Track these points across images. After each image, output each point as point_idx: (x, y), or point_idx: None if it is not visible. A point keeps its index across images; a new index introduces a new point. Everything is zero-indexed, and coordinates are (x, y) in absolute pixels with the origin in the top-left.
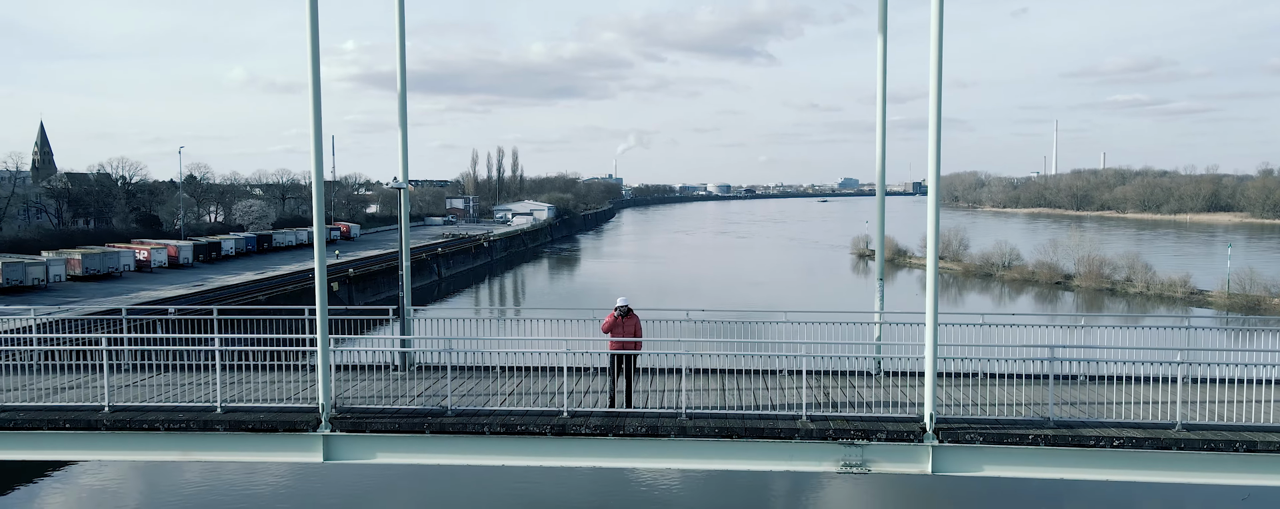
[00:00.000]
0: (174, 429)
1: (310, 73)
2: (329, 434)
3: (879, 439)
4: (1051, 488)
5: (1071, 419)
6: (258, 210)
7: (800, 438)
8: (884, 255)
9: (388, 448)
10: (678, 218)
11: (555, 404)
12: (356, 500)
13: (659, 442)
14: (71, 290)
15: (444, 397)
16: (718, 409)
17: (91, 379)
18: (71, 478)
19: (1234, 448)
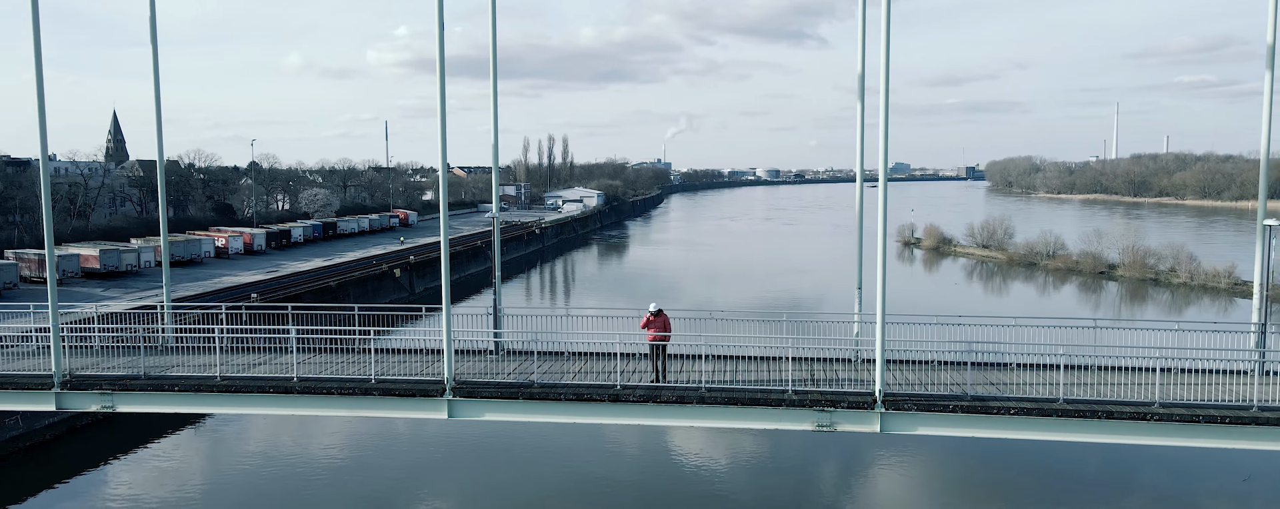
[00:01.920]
0: (344, 393)
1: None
2: (451, 399)
3: (843, 407)
4: (972, 443)
5: (985, 395)
6: (322, 199)
7: (786, 405)
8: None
9: (493, 409)
10: (726, 203)
11: (611, 379)
12: (471, 446)
13: (686, 407)
14: (158, 275)
15: (531, 373)
16: (729, 384)
17: (273, 358)
18: (266, 426)
19: (1098, 416)
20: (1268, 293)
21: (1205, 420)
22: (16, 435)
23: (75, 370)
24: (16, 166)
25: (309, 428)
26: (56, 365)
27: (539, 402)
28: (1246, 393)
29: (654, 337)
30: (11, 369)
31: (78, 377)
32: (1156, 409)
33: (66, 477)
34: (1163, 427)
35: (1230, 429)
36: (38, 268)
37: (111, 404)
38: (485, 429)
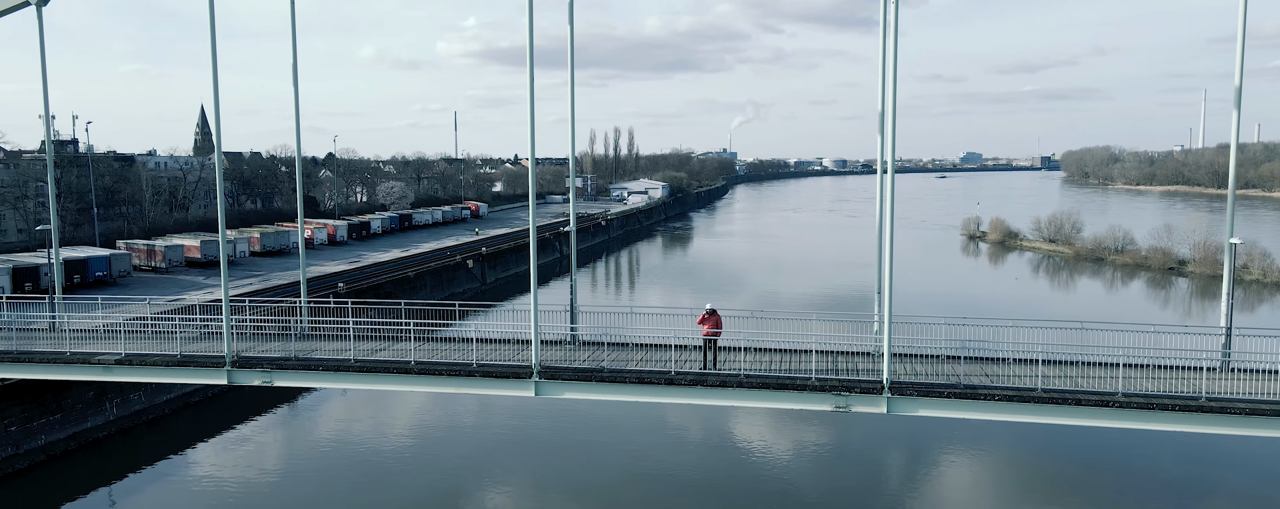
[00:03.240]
0: (453, 375)
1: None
2: (537, 380)
3: (856, 392)
4: (964, 424)
5: (976, 384)
6: (398, 191)
7: (810, 390)
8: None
9: (570, 389)
10: (791, 194)
11: (667, 367)
12: (555, 420)
13: (727, 390)
14: (254, 265)
15: (602, 361)
16: (764, 371)
17: (391, 344)
18: (388, 401)
19: (1069, 402)
20: (1232, 301)
21: (1159, 408)
22: (141, 409)
23: (240, 352)
24: (123, 162)
25: (382, 407)
26: (228, 348)
27: (608, 384)
28: (1201, 386)
29: (708, 332)
30: (190, 350)
31: (242, 357)
32: (1119, 398)
33: (181, 447)
34: (1124, 413)
35: (1181, 416)
36: (147, 257)
37: (270, 380)
38: (556, 407)
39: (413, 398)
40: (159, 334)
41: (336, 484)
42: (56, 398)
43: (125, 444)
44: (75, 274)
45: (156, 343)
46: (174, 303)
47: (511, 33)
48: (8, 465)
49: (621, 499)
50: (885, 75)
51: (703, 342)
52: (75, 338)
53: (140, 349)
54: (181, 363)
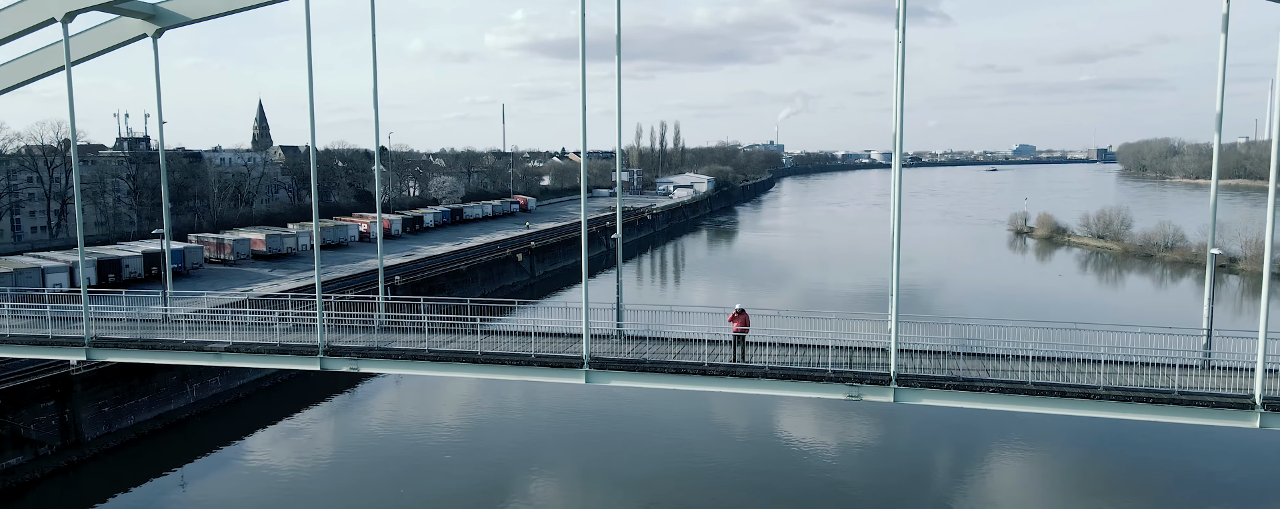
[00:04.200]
0: (514, 364)
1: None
2: (588, 369)
3: (867, 382)
4: (961, 413)
5: (973, 377)
6: (449, 186)
7: (826, 381)
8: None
9: (616, 378)
10: (838, 187)
11: (701, 359)
12: (604, 405)
13: (754, 380)
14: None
15: (644, 353)
16: (786, 364)
17: (459, 337)
18: (437, 390)
19: (1055, 394)
20: (1212, 307)
21: (1135, 400)
22: (217, 393)
23: (329, 342)
24: (192, 159)
25: (430, 396)
26: (320, 338)
27: (649, 373)
28: (1175, 381)
29: (737, 329)
30: (287, 340)
31: (332, 347)
32: (1101, 391)
33: (252, 428)
34: (1104, 404)
35: (1155, 407)
36: (216, 250)
37: (357, 367)
38: (597, 399)
39: (460, 387)
40: (257, 325)
41: (388, 469)
42: (144, 381)
43: (204, 425)
44: (153, 266)
45: (257, 333)
46: (244, 293)
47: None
48: (102, 444)
49: (658, 483)
50: (899, 77)
51: (732, 337)
52: (190, 327)
53: (243, 338)
54: (281, 351)
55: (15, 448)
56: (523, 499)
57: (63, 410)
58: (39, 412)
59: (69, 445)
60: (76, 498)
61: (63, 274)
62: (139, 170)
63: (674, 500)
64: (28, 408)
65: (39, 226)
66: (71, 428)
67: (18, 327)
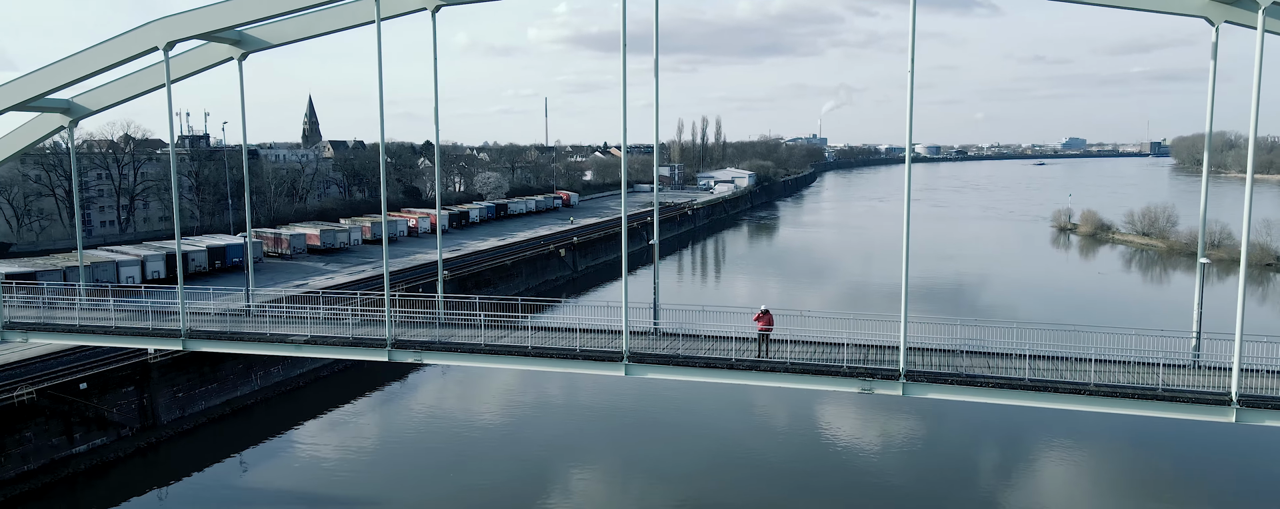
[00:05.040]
0: (561, 357)
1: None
2: (627, 363)
3: (879, 377)
4: (965, 405)
5: (976, 373)
6: (494, 181)
7: (842, 375)
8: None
9: (653, 371)
10: (881, 181)
11: (730, 354)
12: (642, 397)
13: (776, 374)
14: (366, 252)
15: (678, 348)
16: (806, 360)
17: (510, 332)
18: (481, 382)
19: (1048, 390)
20: (1201, 312)
21: (1121, 396)
22: (279, 381)
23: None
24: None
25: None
26: (389, 332)
27: (682, 367)
28: (1161, 379)
29: (762, 328)
30: (357, 334)
31: (398, 340)
32: (1091, 387)
33: (310, 415)
34: (1094, 399)
35: (1139, 402)
36: (273, 245)
37: (420, 358)
38: (635, 392)
39: (502, 378)
40: (329, 319)
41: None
42: (214, 369)
43: (267, 410)
44: (216, 260)
45: (329, 327)
46: (300, 287)
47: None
48: (176, 426)
49: (690, 469)
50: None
51: (758, 335)
52: (273, 321)
53: (319, 332)
54: (353, 343)
55: (101, 429)
56: (563, 483)
57: (142, 395)
58: (121, 396)
59: (147, 428)
60: (155, 477)
61: (134, 267)
62: (200, 167)
63: (703, 486)
64: (111, 393)
65: (108, 221)
66: (149, 412)
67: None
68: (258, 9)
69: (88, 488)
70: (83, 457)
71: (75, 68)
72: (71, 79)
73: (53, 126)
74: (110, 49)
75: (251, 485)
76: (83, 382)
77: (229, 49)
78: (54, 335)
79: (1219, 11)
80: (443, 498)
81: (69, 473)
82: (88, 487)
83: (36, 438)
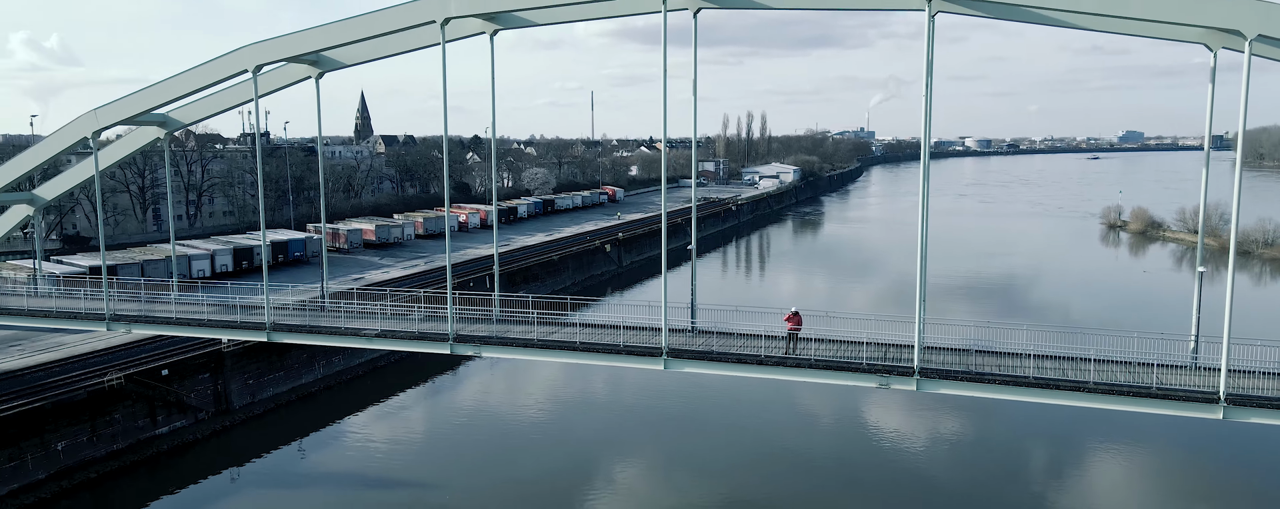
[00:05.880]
0: (606, 352)
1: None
2: (666, 357)
3: (895, 374)
4: (974, 400)
5: (984, 371)
6: (541, 177)
7: (861, 371)
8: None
9: (689, 365)
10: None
11: (759, 351)
12: (681, 387)
13: (801, 369)
14: (418, 247)
15: (712, 345)
16: (829, 357)
17: (559, 329)
18: (527, 375)
19: (1051, 387)
20: (1199, 316)
21: (1118, 393)
22: (341, 370)
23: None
24: (308, 153)
25: (521, 380)
26: (451, 326)
27: (716, 362)
28: (1155, 378)
29: (791, 327)
30: (421, 328)
31: (459, 335)
32: (1090, 385)
33: (366, 403)
34: (1093, 396)
35: (1135, 400)
36: (331, 239)
37: (479, 352)
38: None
39: (547, 370)
40: (394, 315)
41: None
42: (280, 358)
43: (329, 397)
44: (279, 254)
45: (395, 322)
46: (357, 281)
47: None
48: (247, 411)
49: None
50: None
51: (787, 334)
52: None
53: (388, 326)
54: (418, 337)
55: (180, 413)
56: (607, 473)
57: (216, 382)
58: (198, 383)
59: (221, 412)
60: (228, 459)
61: (204, 261)
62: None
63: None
64: (189, 379)
65: (177, 216)
66: (223, 397)
67: (206, 312)
68: (336, 36)
69: (169, 467)
70: (165, 438)
71: (175, 88)
72: (171, 98)
73: (151, 138)
74: (206, 71)
75: (313, 469)
76: (164, 368)
77: (308, 69)
78: (154, 327)
79: (1217, 39)
80: (491, 485)
81: (153, 452)
82: (169, 466)
83: (124, 420)
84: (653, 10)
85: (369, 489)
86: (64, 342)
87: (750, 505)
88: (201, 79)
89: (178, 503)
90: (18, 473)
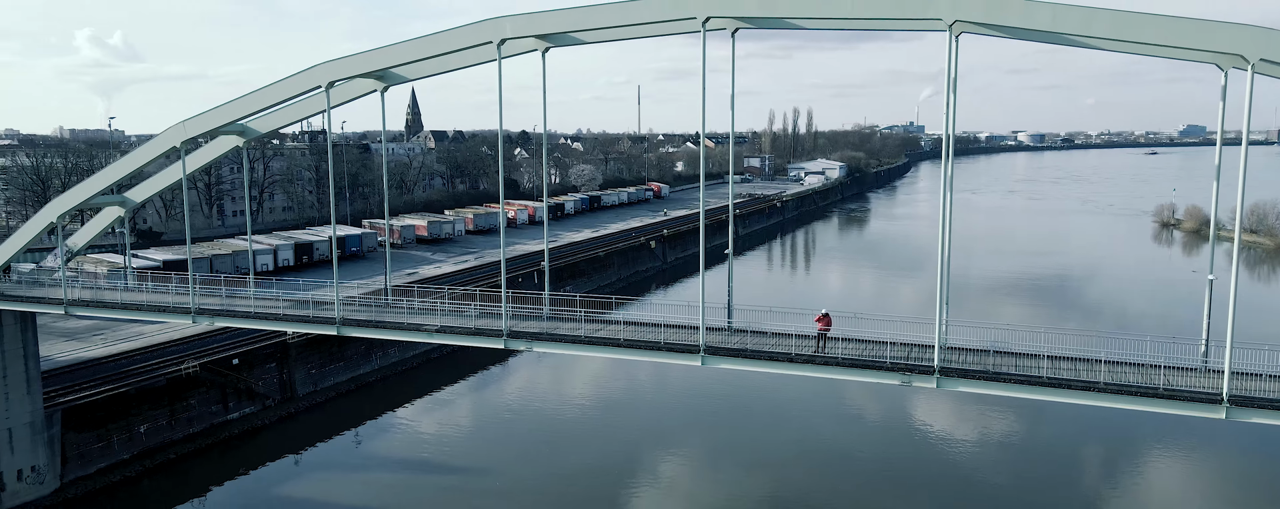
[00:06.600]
0: (647, 348)
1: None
2: (703, 354)
3: (917, 372)
4: (988, 398)
5: (1001, 371)
6: (588, 173)
7: (885, 369)
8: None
9: (725, 362)
10: (980, 171)
11: (790, 350)
12: (715, 383)
13: (829, 367)
14: (469, 242)
15: (746, 343)
16: (855, 356)
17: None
18: (571, 369)
19: (1063, 386)
20: (1210, 321)
21: (1127, 393)
22: (396, 361)
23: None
24: (362, 150)
25: (565, 374)
26: (505, 322)
27: (749, 359)
28: (1163, 379)
29: (821, 328)
30: (477, 324)
31: (513, 331)
32: (1101, 385)
33: (420, 393)
34: (1103, 395)
35: (1142, 399)
36: (382, 234)
37: (531, 347)
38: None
39: (591, 366)
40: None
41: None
42: (340, 349)
43: (386, 387)
44: (338, 249)
45: (453, 317)
46: (411, 276)
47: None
48: (310, 399)
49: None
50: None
51: (817, 333)
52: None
53: (446, 322)
54: (475, 332)
55: (249, 400)
56: (651, 464)
57: (282, 371)
58: (265, 371)
59: (287, 399)
60: (292, 443)
61: (267, 256)
62: (319, 161)
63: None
64: (258, 368)
65: (239, 211)
66: (288, 385)
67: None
68: (402, 55)
69: (239, 450)
70: (236, 422)
71: (255, 102)
72: (252, 111)
73: (231, 146)
74: (284, 87)
75: (370, 455)
76: (235, 358)
77: (374, 83)
78: (235, 320)
79: (1227, 60)
80: (540, 473)
81: (225, 436)
82: (239, 449)
83: (199, 405)
84: (691, 31)
85: (423, 474)
86: (142, 332)
87: (780, 492)
88: (279, 94)
89: (248, 484)
90: (105, 453)
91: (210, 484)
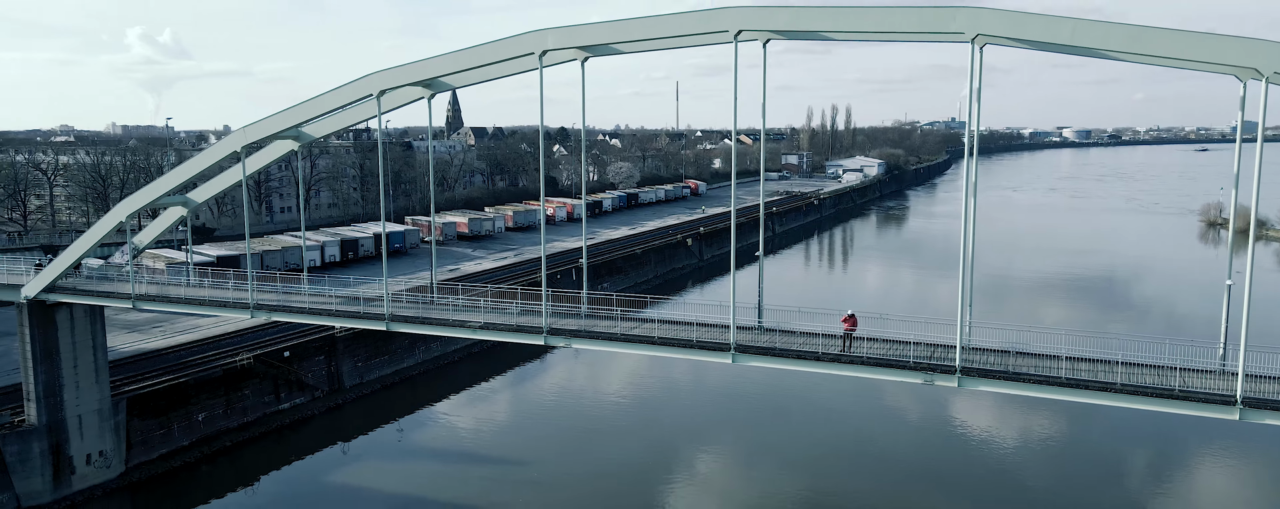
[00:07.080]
0: (680, 346)
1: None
2: (734, 352)
3: (938, 372)
4: (1011, 397)
5: (1020, 371)
6: (626, 171)
7: (908, 368)
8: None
9: (755, 359)
10: (1023, 168)
11: (818, 349)
12: (749, 383)
13: (854, 366)
14: (508, 239)
15: (774, 342)
16: (879, 355)
17: (639, 324)
18: (607, 367)
19: (1081, 387)
20: (1228, 326)
21: (1143, 394)
22: (438, 355)
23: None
24: (404, 148)
25: (601, 370)
26: (546, 319)
27: (778, 357)
28: (1179, 381)
29: (847, 328)
30: (518, 321)
31: (552, 328)
32: (1117, 386)
33: (460, 387)
34: (1119, 396)
35: (1159, 400)
36: (426, 231)
37: (569, 343)
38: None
39: (625, 362)
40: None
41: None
42: (385, 343)
43: (428, 380)
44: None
45: (495, 314)
46: (453, 272)
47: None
48: (356, 391)
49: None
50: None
51: (843, 333)
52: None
53: (490, 319)
54: (516, 329)
55: (300, 391)
56: (687, 458)
57: (330, 364)
58: (314, 364)
59: (334, 391)
60: (340, 433)
61: (314, 252)
62: (363, 160)
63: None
64: (307, 360)
65: (287, 208)
66: (336, 377)
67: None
68: (450, 66)
69: (290, 438)
70: (287, 412)
71: (311, 109)
72: (309, 118)
73: (287, 150)
74: (338, 95)
75: (413, 446)
76: (286, 350)
77: (422, 91)
78: (290, 315)
79: (1245, 73)
80: (576, 467)
81: (277, 425)
82: (290, 437)
83: (253, 395)
84: (724, 42)
85: (464, 465)
86: (198, 324)
87: (812, 488)
88: (334, 102)
89: (298, 471)
90: (166, 439)
91: (263, 471)
